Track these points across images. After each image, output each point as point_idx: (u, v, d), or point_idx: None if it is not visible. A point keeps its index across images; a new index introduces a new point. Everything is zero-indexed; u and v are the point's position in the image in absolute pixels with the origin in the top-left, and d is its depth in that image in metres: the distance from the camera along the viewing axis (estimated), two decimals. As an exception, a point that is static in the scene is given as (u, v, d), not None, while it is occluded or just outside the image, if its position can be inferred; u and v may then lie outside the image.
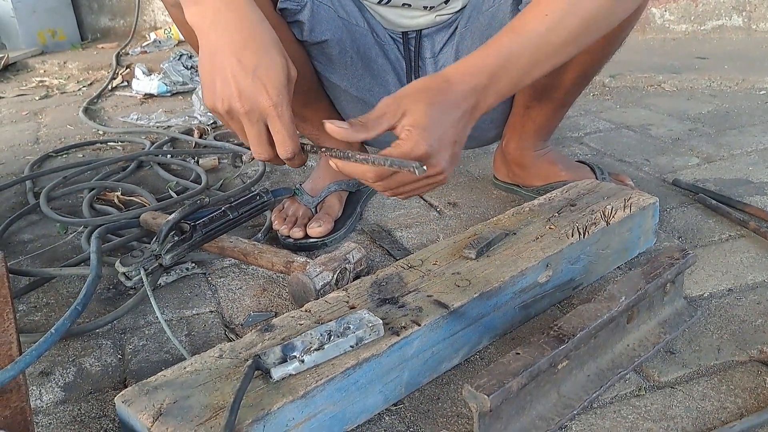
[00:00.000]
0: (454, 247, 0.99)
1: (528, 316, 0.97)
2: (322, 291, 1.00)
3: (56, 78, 3.15)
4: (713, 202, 1.26)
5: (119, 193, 1.54)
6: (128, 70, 2.97)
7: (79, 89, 2.89)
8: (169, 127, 2.15)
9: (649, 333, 0.89)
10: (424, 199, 1.42)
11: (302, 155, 0.86)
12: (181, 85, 2.61)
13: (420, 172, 0.76)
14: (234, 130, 0.86)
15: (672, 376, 0.84)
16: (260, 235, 1.26)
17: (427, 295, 0.87)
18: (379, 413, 0.80)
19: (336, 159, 0.83)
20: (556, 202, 1.11)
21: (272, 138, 0.84)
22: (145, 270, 1.03)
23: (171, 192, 1.56)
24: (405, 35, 1.24)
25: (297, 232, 1.23)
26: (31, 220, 1.47)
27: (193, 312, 1.06)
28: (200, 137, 1.96)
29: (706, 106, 1.98)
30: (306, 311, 0.86)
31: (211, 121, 2.13)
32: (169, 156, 1.81)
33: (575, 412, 0.78)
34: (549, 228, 1.02)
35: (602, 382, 0.81)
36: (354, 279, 1.05)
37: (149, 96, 2.61)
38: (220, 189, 1.58)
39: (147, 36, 3.63)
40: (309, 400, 0.71)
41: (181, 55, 2.74)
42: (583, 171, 1.34)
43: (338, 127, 0.81)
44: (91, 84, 2.97)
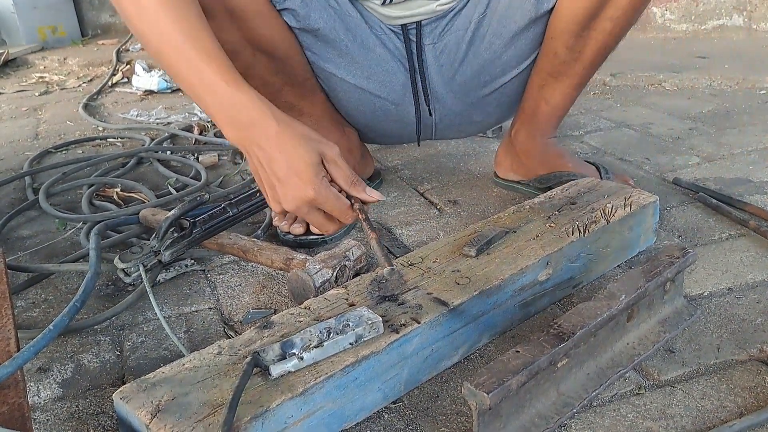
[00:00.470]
0: (454, 245, 0.99)
1: (528, 314, 0.96)
2: (321, 288, 0.99)
3: (56, 74, 3.15)
4: (713, 201, 1.26)
5: (119, 190, 1.54)
6: (128, 66, 2.97)
7: (79, 85, 2.88)
8: (169, 123, 2.14)
9: (649, 331, 0.89)
10: (424, 197, 1.42)
11: (355, 213, 0.94)
12: (181, 81, 2.61)
13: (388, 273, 0.89)
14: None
15: (672, 374, 0.84)
16: (260, 232, 1.26)
17: (427, 293, 0.87)
18: (378, 411, 0.80)
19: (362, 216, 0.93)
20: (556, 201, 1.11)
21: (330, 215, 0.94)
22: (144, 266, 1.03)
23: (171, 188, 1.56)
24: (404, 27, 1.25)
25: (298, 228, 1.22)
26: (30, 216, 1.46)
27: (192, 309, 1.06)
28: (200, 134, 1.96)
29: (706, 105, 1.98)
30: (305, 308, 0.86)
31: (211, 118, 2.13)
32: (168, 152, 1.81)
33: (575, 411, 0.78)
34: (549, 226, 1.02)
35: (602, 381, 0.81)
36: (354, 276, 1.05)
37: (149, 92, 2.61)
38: (219, 186, 1.58)
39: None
40: (308, 397, 0.71)
41: (181, 52, 2.73)
42: (589, 168, 1.34)
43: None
44: (91, 80, 2.97)
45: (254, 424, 0.67)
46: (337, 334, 0.76)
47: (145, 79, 2.64)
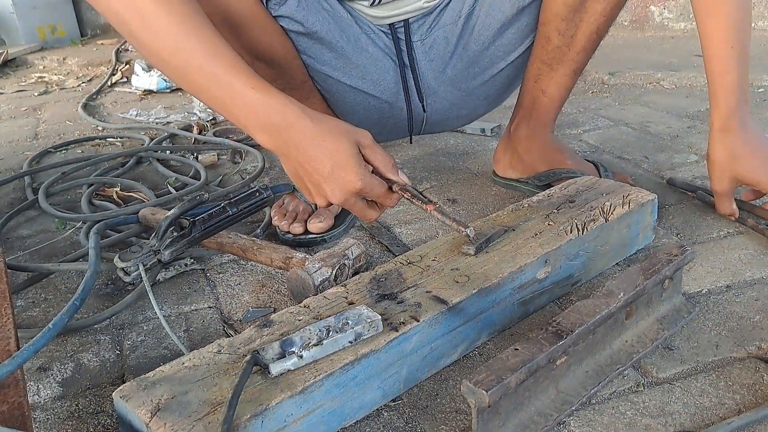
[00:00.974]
0: (453, 243, 0.99)
1: (527, 312, 0.97)
2: (320, 287, 1.00)
3: (55, 74, 3.14)
4: (711, 199, 1.26)
5: (118, 189, 1.54)
6: (128, 66, 2.97)
7: (79, 85, 2.88)
8: (168, 123, 2.14)
9: (648, 329, 0.89)
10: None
11: (397, 195, 0.95)
12: (180, 81, 2.61)
13: (471, 233, 0.93)
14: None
15: (670, 372, 0.84)
16: (259, 231, 1.26)
17: (426, 291, 0.87)
18: (377, 409, 0.80)
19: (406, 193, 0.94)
20: (555, 199, 1.11)
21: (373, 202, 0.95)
22: (144, 266, 1.03)
23: (170, 188, 1.56)
24: (392, 26, 1.26)
25: (297, 228, 1.23)
26: (29, 216, 1.47)
27: (192, 308, 1.06)
28: (199, 133, 1.96)
29: (704, 103, 1.98)
30: (305, 307, 0.86)
31: (211, 117, 2.13)
32: (168, 152, 1.81)
33: (573, 408, 0.78)
34: (548, 224, 1.02)
35: (600, 378, 0.81)
36: (353, 275, 1.05)
37: (148, 92, 2.61)
38: (219, 185, 1.58)
39: (146, 32, 3.62)
40: (307, 395, 0.71)
41: (180, 52, 2.73)
42: (588, 166, 1.34)
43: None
44: (90, 80, 2.97)
45: (254, 422, 0.67)
46: (337, 332, 0.76)
47: (144, 79, 2.64)
